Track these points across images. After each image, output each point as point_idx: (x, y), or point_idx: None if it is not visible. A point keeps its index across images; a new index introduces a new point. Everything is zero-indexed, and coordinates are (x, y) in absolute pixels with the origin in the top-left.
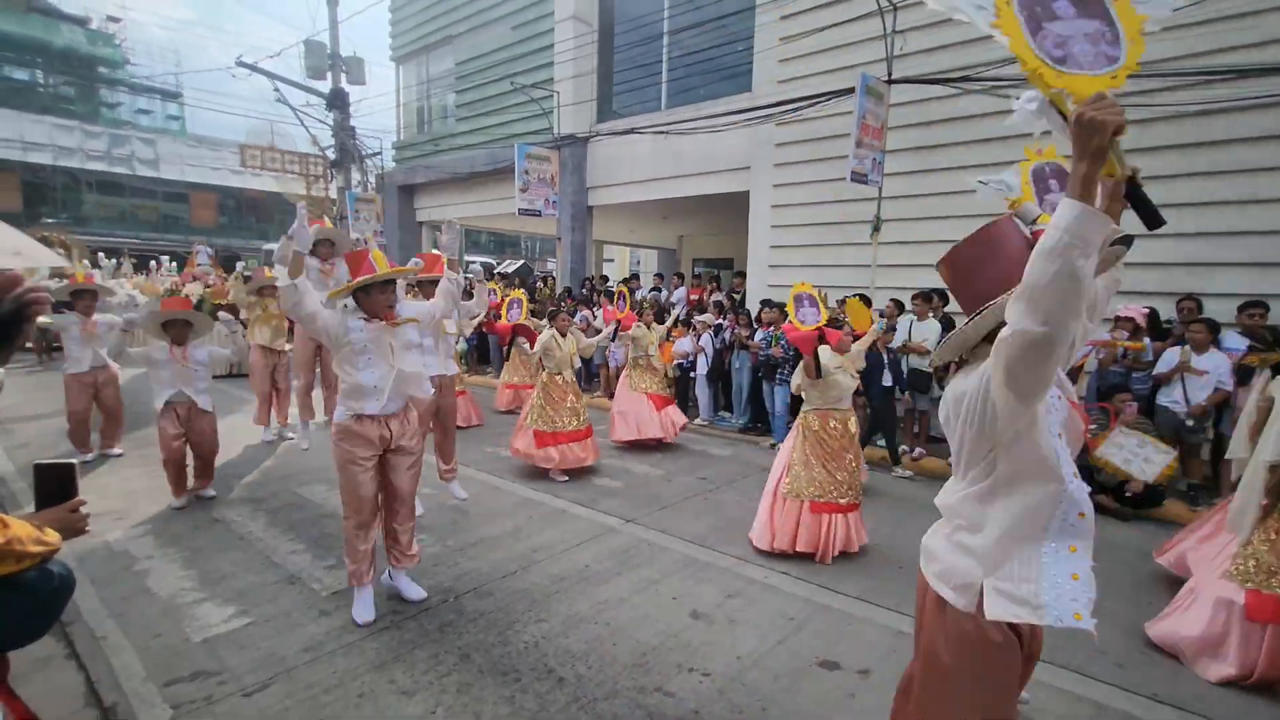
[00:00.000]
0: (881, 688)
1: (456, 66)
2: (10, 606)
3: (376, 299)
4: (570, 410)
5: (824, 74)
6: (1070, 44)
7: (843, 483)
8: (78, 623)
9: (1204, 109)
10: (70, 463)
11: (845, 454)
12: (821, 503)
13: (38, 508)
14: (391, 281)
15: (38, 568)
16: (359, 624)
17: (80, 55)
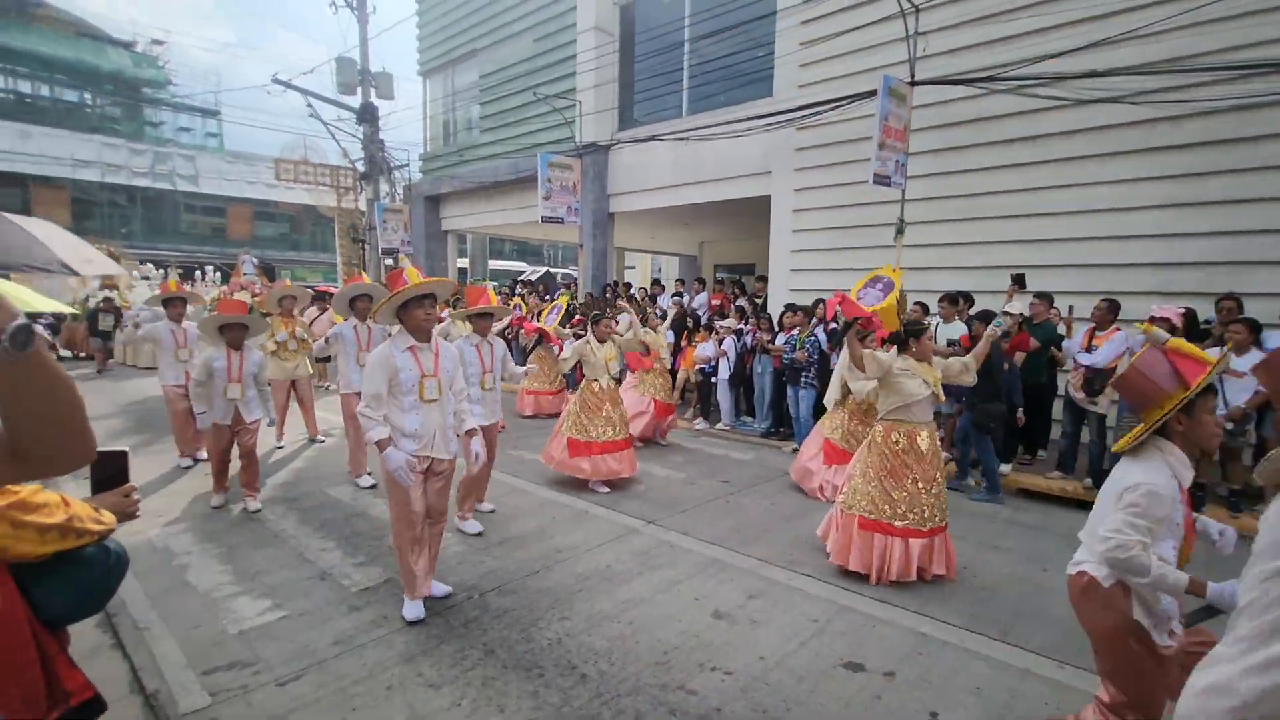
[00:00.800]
0: (906, 690)
1: (481, 79)
2: (74, 579)
3: (415, 314)
4: (606, 419)
5: (845, 77)
6: None
7: (900, 503)
8: (122, 614)
9: (1239, 104)
10: (123, 450)
11: (907, 473)
12: (871, 520)
13: (93, 492)
14: (430, 295)
15: (97, 544)
16: (408, 620)
17: (126, 77)
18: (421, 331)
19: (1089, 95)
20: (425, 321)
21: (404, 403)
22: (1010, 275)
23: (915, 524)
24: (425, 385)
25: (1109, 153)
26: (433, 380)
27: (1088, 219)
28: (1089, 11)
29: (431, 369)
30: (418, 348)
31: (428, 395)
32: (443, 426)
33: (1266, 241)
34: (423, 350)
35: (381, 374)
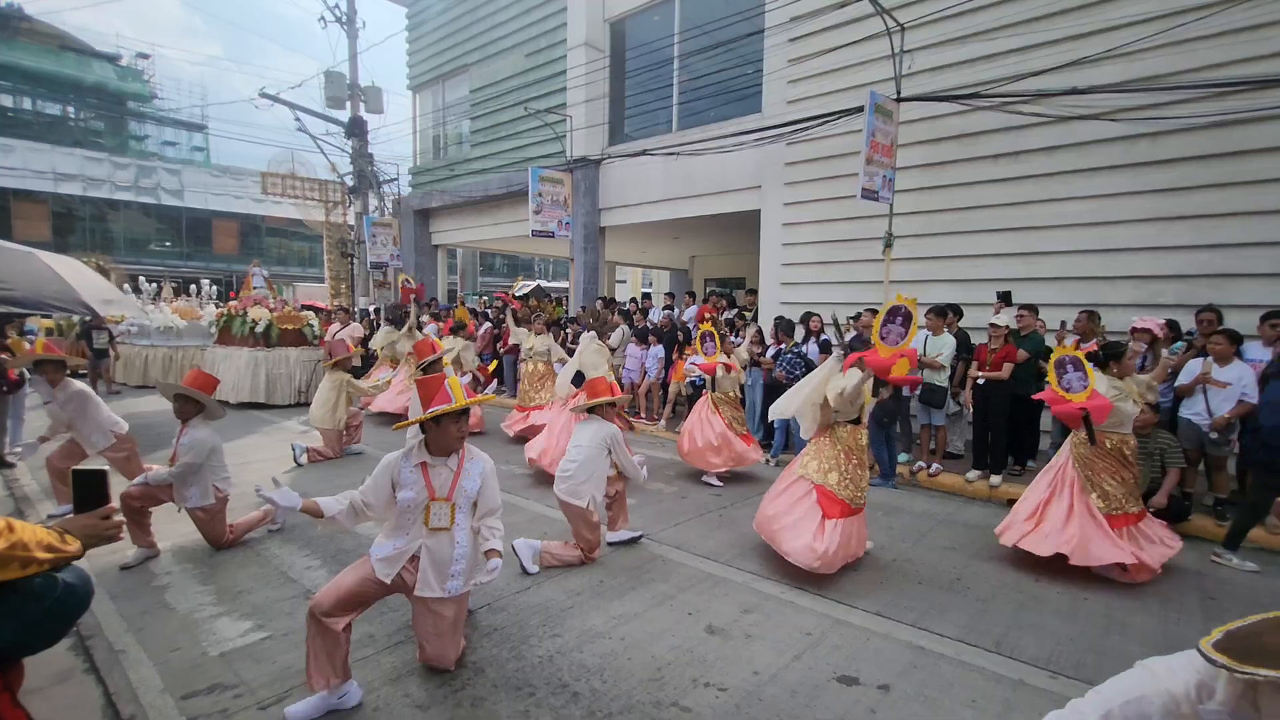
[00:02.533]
0: (901, 703)
1: (471, 93)
2: (12, 612)
3: (449, 429)
4: None
5: (833, 93)
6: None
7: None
8: (97, 637)
9: (1217, 121)
10: (101, 470)
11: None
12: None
13: (75, 513)
14: (468, 410)
15: (45, 575)
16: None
17: (110, 91)
18: (445, 449)
19: (1071, 112)
20: (457, 440)
21: (400, 523)
22: (996, 293)
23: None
24: (432, 511)
25: (1091, 168)
26: (443, 505)
27: (1071, 232)
28: (1070, 31)
29: (446, 491)
30: (431, 465)
31: (433, 523)
32: (437, 560)
33: (1245, 254)
34: (437, 468)
35: (383, 483)
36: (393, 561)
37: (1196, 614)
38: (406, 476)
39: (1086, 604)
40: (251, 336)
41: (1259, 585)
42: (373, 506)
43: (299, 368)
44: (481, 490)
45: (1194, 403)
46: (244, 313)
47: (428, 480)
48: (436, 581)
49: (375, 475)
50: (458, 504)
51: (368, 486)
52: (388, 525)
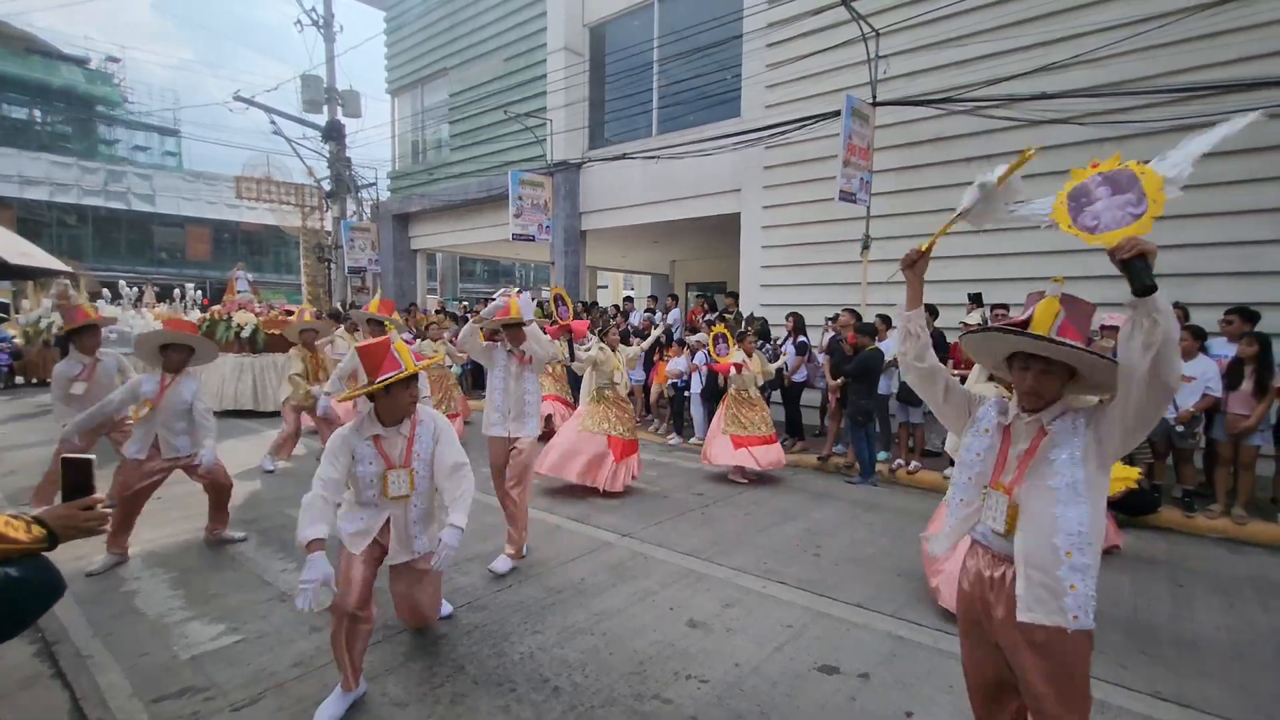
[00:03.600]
0: (881, 691)
1: (450, 97)
2: None
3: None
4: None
5: (811, 98)
6: (1102, 215)
7: None
8: (63, 642)
9: (1178, 125)
10: (88, 458)
11: None
12: None
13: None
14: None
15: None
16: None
17: (79, 94)
18: (395, 418)
19: (1040, 116)
20: (409, 407)
21: (362, 496)
22: (968, 294)
23: None
24: (390, 480)
25: (1060, 170)
26: (400, 473)
27: (1040, 234)
28: (1039, 37)
29: (401, 458)
30: (383, 436)
31: (392, 491)
32: (404, 526)
33: (1210, 254)
34: (390, 437)
35: (341, 459)
36: (362, 535)
37: (1166, 601)
38: (362, 450)
39: None
40: (237, 342)
41: (1224, 573)
42: (334, 485)
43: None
44: (437, 450)
45: None
46: (228, 317)
47: (382, 451)
48: (403, 547)
49: (330, 453)
50: (415, 470)
51: (324, 469)
52: (349, 499)
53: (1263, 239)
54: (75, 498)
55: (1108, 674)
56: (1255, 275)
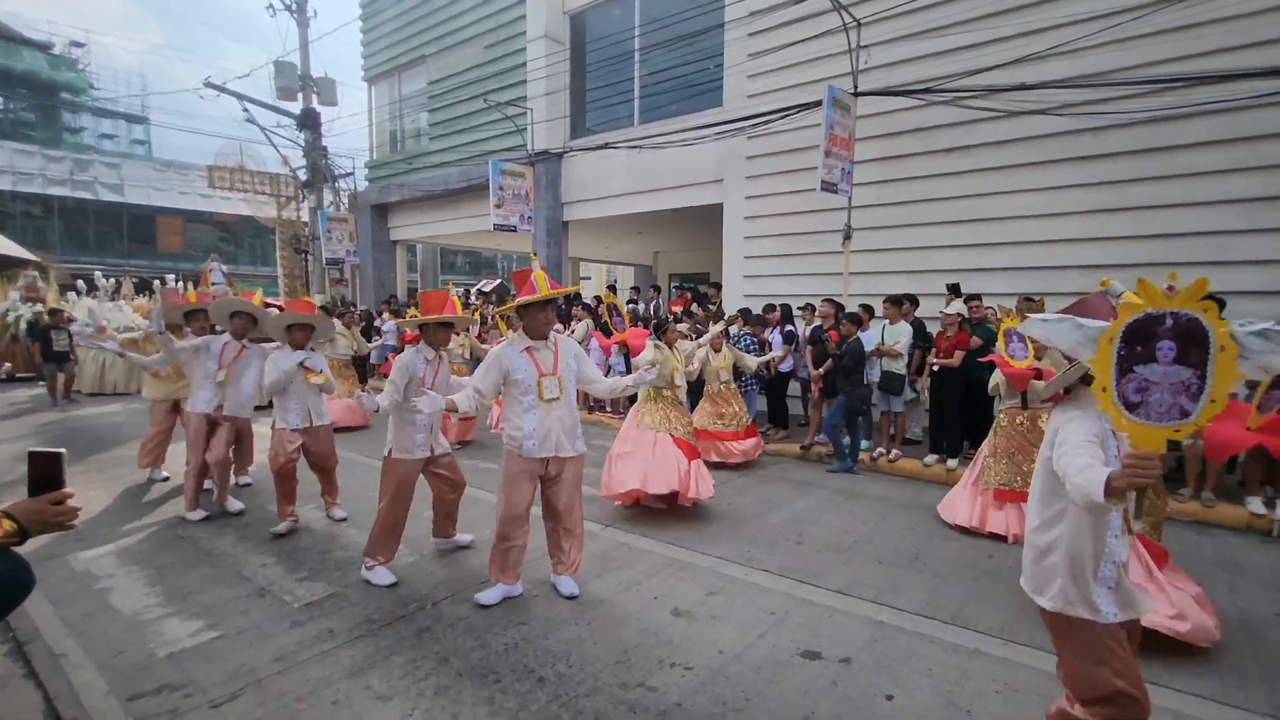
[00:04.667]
0: (862, 675)
1: (429, 85)
2: None
3: (537, 317)
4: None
5: (793, 88)
6: (1150, 392)
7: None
8: (35, 641)
9: (1155, 116)
10: (56, 451)
11: (1033, 448)
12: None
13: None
14: (554, 301)
15: None
16: (481, 604)
17: (41, 81)
18: (540, 333)
19: (1019, 107)
20: (546, 325)
21: (524, 402)
22: (946, 285)
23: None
24: (544, 385)
25: (1038, 161)
26: (551, 379)
27: (1019, 224)
28: (1019, 28)
29: (550, 367)
30: (535, 348)
31: (547, 394)
32: (564, 425)
33: (1181, 244)
34: (540, 350)
35: (494, 376)
36: (543, 439)
37: None
38: (516, 361)
39: None
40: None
41: (1193, 555)
42: (485, 394)
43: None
44: (580, 363)
45: None
46: None
47: (535, 361)
48: (569, 443)
49: (486, 368)
50: (563, 377)
51: (479, 377)
52: (510, 411)
53: (1234, 229)
54: (43, 492)
55: None
56: (1227, 265)
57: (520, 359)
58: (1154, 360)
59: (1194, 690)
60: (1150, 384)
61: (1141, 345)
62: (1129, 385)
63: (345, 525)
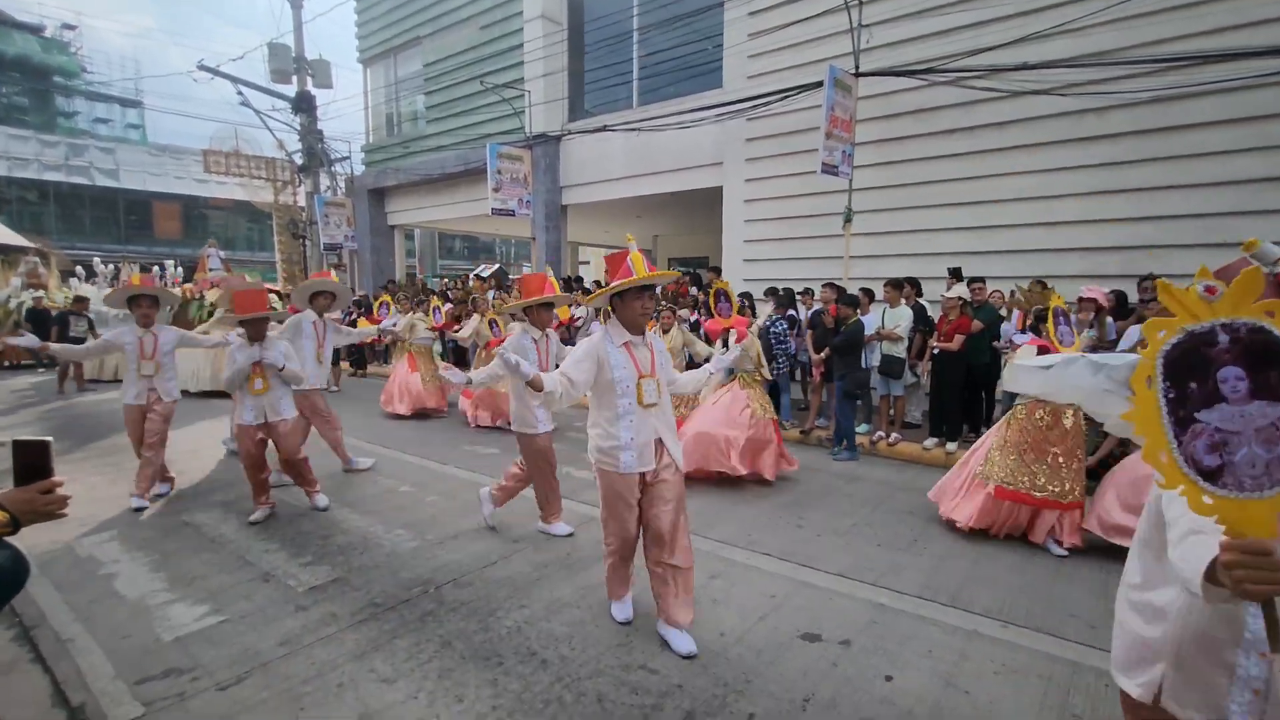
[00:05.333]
0: (862, 657)
1: (425, 68)
2: None
3: (633, 305)
4: None
5: (793, 68)
6: (1232, 447)
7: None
8: (42, 626)
9: (1158, 96)
10: (44, 440)
11: (1049, 447)
12: (1009, 490)
13: (15, 485)
14: (653, 287)
15: None
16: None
17: (34, 64)
18: (637, 326)
19: (1022, 87)
20: (643, 315)
21: (619, 407)
22: (947, 269)
23: (1052, 496)
24: (644, 388)
25: (1040, 143)
26: (651, 382)
27: (1021, 206)
28: (1021, 6)
29: (649, 368)
30: (634, 343)
31: (646, 399)
32: (665, 433)
33: (1183, 226)
34: (638, 346)
35: (589, 366)
36: (642, 450)
37: None
38: (615, 357)
39: (1036, 559)
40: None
41: None
42: (577, 385)
43: None
44: (666, 363)
45: None
46: (200, 296)
47: (633, 358)
48: (675, 452)
49: (579, 357)
50: (661, 379)
51: (571, 366)
52: (599, 417)
53: (1237, 210)
54: (29, 481)
55: (1079, 634)
56: (1225, 247)
57: (619, 355)
58: (1221, 399)
59: None
60: (1228, 435)
61: (1196, 380)
62: (1197, 443)
63: (348, 511)
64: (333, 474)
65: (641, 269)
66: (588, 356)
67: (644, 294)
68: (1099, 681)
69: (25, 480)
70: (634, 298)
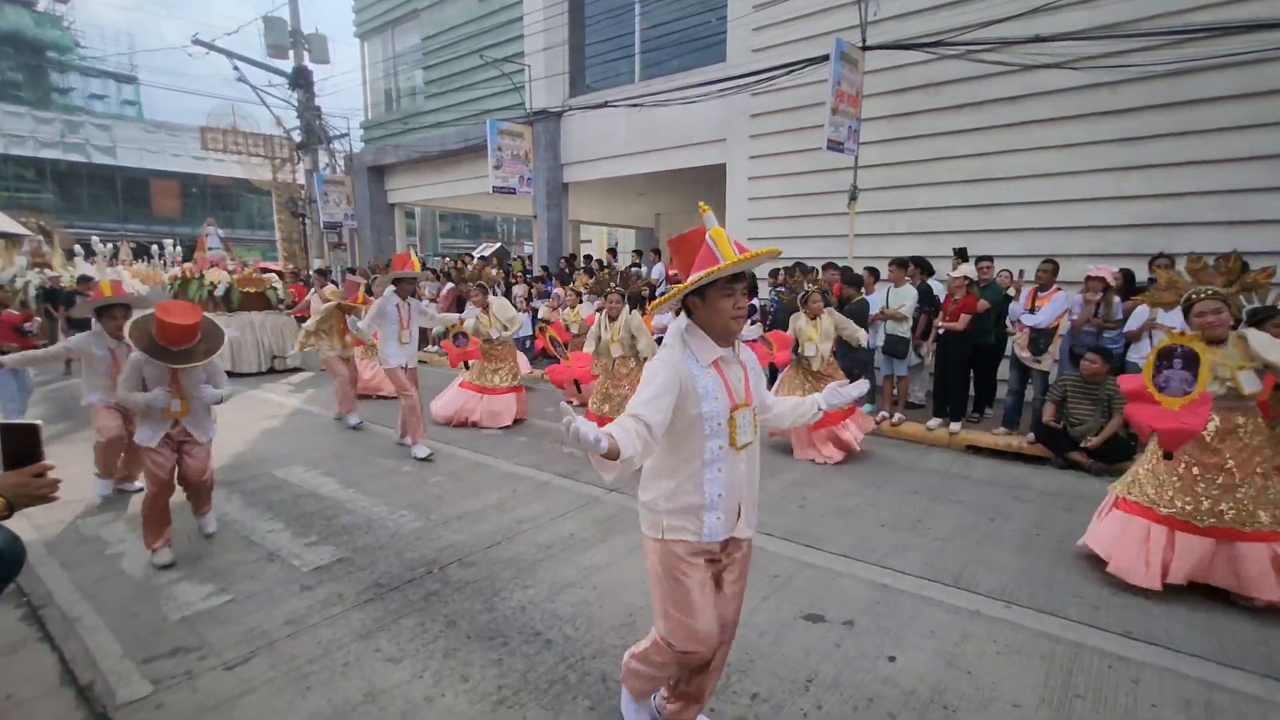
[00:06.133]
0: (865, 637)
1: (423, 41)
2: None
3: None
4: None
5: (799, 41)
6: None
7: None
8: (49, 606)
9: (1174, 69)
10: (33, 424)
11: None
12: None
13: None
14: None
15: None
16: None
17: (27, 39)
18: (728, 333)
19: (1033, 61)
20: (735, 318)
21: (705, 452)
22: (953, 249)
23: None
24: (738, 422)
25: (1051, 118)
26: (747, 413)
27: (1031, 183)
28: None
29: (743, 393)
30: (724, 360)
31: (741, 438)
32: (753, 486)
33: (1197, 203)
34: (730, 364)
35: (669, 402)
36: (730, 510)
37: None
38: (703, 382)
39: (1038, 539)
40: (210, 301)
41: None
42: (657, 428)
43: (266, 333)
44: (760, 382)
45: (1141, 347)
46: (200, 275)
47: (726, 381)
48: (751, 516)
49: (657, 390)
50: (756, 409)
51: (646, 405)
52: (671, 461)
53: (1250, 187)
54: (20, 465)
55: (1081, 615)
56: (1242, 224)
57: (707, 380)
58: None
59: (1196, 652)
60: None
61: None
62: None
63: (352, 491)
64: (336, 453)
65: (729, 250)
66: (667, 389)
67: (735, 286)
68: (1101, 662)
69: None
70: (721, 293)
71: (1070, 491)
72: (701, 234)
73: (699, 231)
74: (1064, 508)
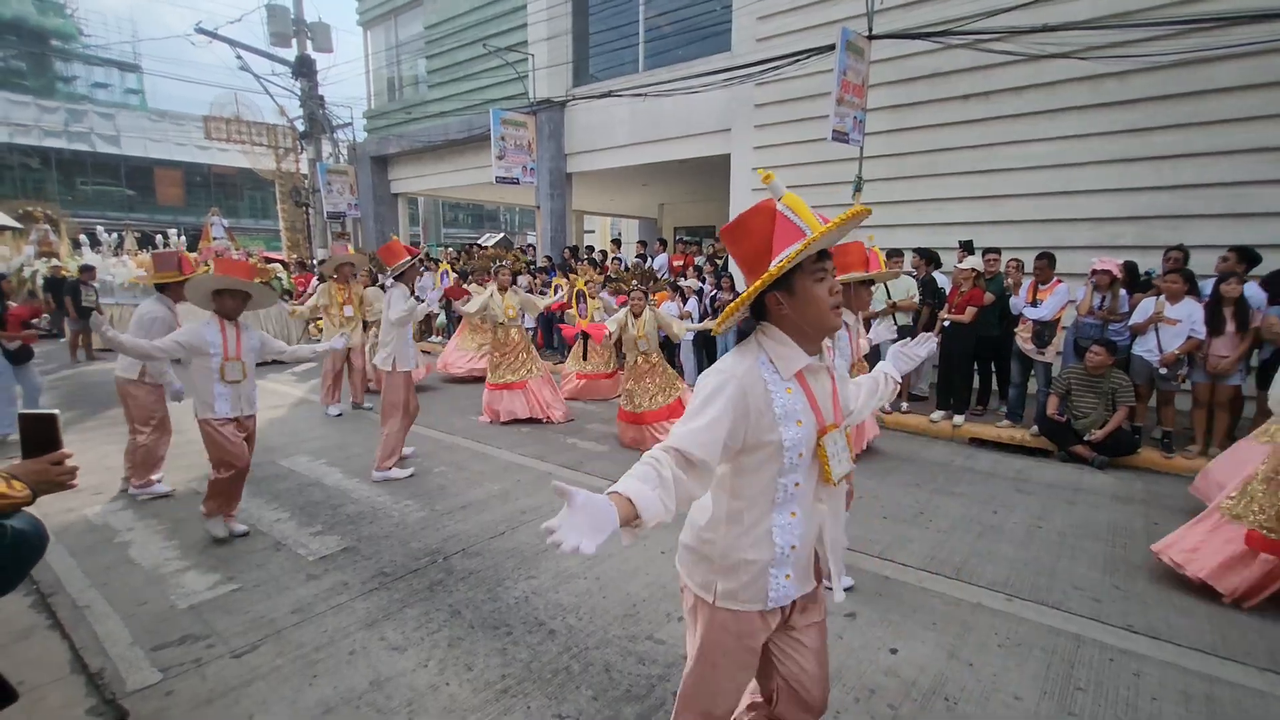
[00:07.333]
0: (867, 628)
1: (426, 30)
2: None
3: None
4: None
5: (804, 30)
6: None
7: None
8: (59, 594)
9: (1182, 59)
10: (52, 413)
11: None
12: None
13: (24, 458)
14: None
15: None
16: None
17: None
18: (824, 328)
19: (1041, 50)
20: (835, 307)
21: (779, 490)
22: (959, 241)
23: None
24: (829, 450)
25: (1058, 109)
26: (838, 437)
27: (1036, 175)
28: None
29: (831, 410)
30: (810, 371)
31: (837, 470)
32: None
33: (1204, 195)
34: (817, 374)
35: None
36: (803, 565)
37: (1141, 538)
38: (782, 401)
39: (1040, 532)
40: None
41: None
42: (704, 468)
43: (271, 323)
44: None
45: (1146, 340)
46: (206, 265)
47: (812, 400)
48: (836, 566)
49: (713, 410)
50: (849, 430)
51: (699, 429)
52: (734, 509)
53: (1260, 179)
54: (38, 454)
55: (1082, 608)
56: (1249, 217)
57: (788, 398)
58: None
59: (1198, 647)
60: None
61: None
62: None
63: (356, 481)
64: (341, 443)
65: (813, 218)
66: (725, 413)
67: (826, 265)
68: (1102, 655)
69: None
70: (811, 277)
71: (1072, 484)
72: (769, 208)
73: (764, 207)
74: (1066, 501)
